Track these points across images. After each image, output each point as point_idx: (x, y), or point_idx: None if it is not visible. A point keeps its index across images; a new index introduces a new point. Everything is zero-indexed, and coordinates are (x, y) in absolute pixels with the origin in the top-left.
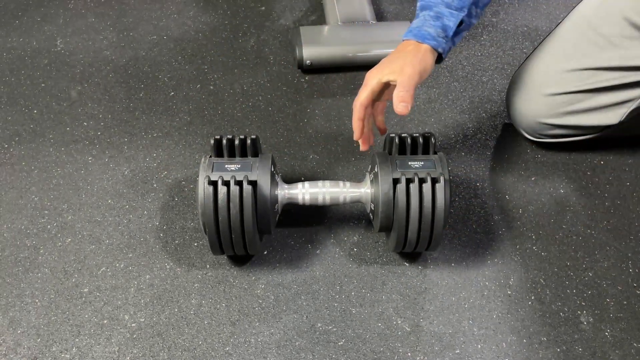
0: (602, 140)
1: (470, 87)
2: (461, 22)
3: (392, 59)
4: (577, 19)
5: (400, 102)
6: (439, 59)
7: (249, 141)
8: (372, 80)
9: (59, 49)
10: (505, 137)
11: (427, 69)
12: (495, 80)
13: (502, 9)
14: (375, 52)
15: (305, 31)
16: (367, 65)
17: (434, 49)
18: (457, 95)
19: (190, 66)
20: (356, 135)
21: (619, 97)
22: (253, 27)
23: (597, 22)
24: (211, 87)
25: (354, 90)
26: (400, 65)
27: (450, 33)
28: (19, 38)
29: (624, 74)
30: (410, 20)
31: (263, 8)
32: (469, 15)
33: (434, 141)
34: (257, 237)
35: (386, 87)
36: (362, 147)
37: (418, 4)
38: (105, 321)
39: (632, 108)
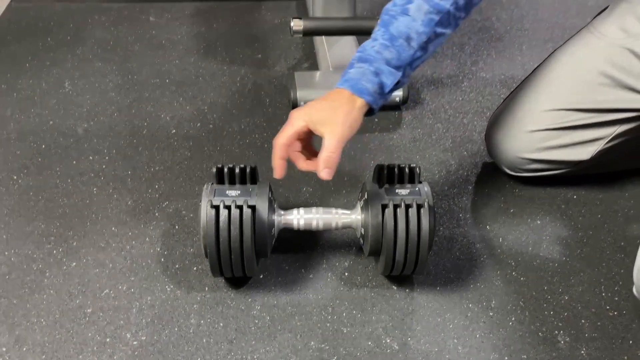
0: (575, 176)
1: (452, 128)
2: (397, 82)
3: (323, 107)
4: (554, 65)
5: (325, 168)
6: (370, 111)
7: (248, 170)
8: (298, 121)
9: (67, 90)
10: (485, 174)
11: (356, 126)
12: (475, 123)
13: (481, 60)
14: None
15: (299, 76)
16: None
17: (369, 104)
18: (440, 135)
19: (191, 107)
20: (277, 173)
21: (590, 135)
22: (250, 73)
23: (572, 69)
24: (210, 126)
25: None
26: (332, 119)
27: (387, 90)
28: (29, 80)
29: (594, 115)
30: None
31: (259, 56)
32: (404, 74)
33: (418, 171)
34: (255, 259)
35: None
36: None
37: (356, 55)
38: (107, 339)
39: (601, 146)
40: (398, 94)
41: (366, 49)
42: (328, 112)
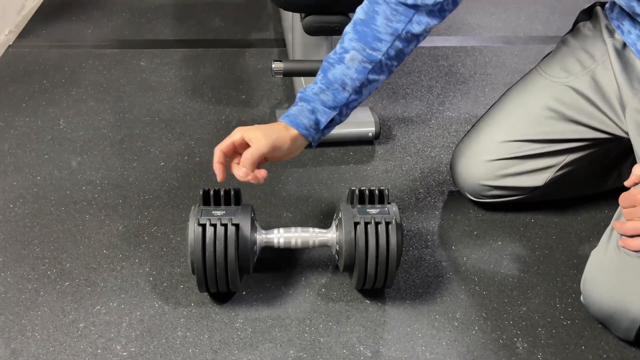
0: (532, 202)
1: (421, 160)
2: (332, 120)
3: (260, 128)
4: (508, 102)
5: (241, 168)
6: (309, 144)
7: (232, 192)
8: (236, 134)
9: (61, 127)
10: (451, 201)
11: (286, 148)
12: (442, 156)
13: (447, 100)
14: (339, 131)
15: (280, 114)
16: (333, 141)
17: (305, 137)
18: (410, 167)
19: (179, 142)
20: (219, 177)
21: (542, 163)
22: (235, 112)
23: (523, 105)
24: (197, 159)
25: (322, 162)
26: (262, 134)
27: (322, 127)
28: (25, 118)
29: (545, 145)
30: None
31: (243, 97)
32: (340, 114)
33: (387, 193)
34: (238, 273)
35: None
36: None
37: (298, 95)
38: (99, 351)
39: (553, 173)
40: (371, 130)
41: (306, 90)
42: (262, 131)
